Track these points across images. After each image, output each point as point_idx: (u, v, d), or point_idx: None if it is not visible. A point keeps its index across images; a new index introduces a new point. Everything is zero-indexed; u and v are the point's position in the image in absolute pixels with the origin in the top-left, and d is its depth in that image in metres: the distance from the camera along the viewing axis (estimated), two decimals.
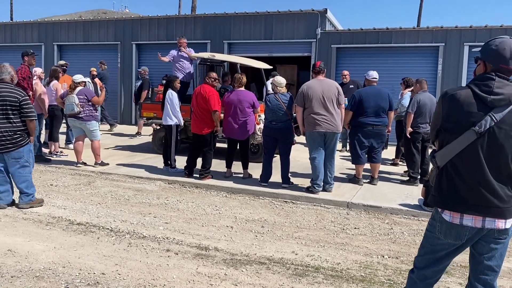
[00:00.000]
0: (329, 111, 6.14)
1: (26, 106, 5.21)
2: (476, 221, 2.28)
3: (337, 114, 6.21)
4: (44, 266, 3.77)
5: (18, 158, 5.28)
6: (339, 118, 6.24)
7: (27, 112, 5.22)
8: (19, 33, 16.56)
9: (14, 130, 5.20)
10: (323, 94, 6.13)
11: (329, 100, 6.14)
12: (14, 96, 5.14)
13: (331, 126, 6.16)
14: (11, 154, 5.24)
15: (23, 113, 5.20)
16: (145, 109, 9.43)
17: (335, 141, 6.35)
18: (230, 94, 7.05)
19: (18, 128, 5.22)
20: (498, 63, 2.26)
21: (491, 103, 2.22)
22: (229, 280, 3.64)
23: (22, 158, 5.30)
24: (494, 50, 2.27)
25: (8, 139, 5.19)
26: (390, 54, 12.09)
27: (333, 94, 6.17)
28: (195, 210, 5.63)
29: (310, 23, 12.69)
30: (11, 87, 5.22)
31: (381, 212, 5.76)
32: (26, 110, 5.21)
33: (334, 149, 6.40)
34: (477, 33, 11.20)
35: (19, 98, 5.16)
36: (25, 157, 5.33)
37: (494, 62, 2.27)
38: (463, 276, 3.86)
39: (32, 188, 5.48)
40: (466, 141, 2.25)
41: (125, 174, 7.33)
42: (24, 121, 5.25)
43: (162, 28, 14.47)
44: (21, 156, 5.29)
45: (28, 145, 5.37)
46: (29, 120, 5.25)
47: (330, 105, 6.15)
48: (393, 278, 3.78)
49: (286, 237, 4.74)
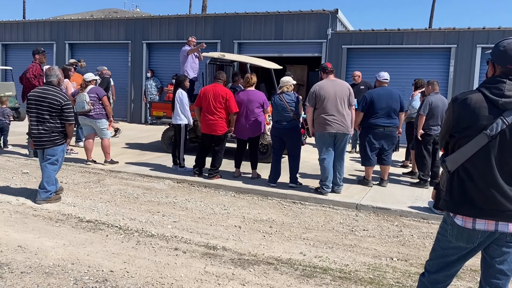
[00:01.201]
0: (340, 112, 6.11)
1: (67, 110, 5.51)
2: (489, 225, 2.25)
3: (348, 115, 6.18)
4: (54, 262, 3.80)
5: (52, 156, 5.57)
6: (349, 119, 6.20)
7: (67, 116, 5.52)
8: (32, 31, 16.74)
9: (53, 129, 5.50)
10: (336, 95, 6.09)
11: (341, 101, 6.11)
12: (57, 100, 5.44)
13: (341, 127, 6.12)
14: (47, 151, 5.55)
15: (63, 116, 5.51)
16: (155, 108, 9.47)
17: (345, 142, 6.31)
18: (240, 94, 7.04)
19: (56, 128, 5.52)
20: (506, 64, 2.24)
21: (503, 106, 2.20)
22: (236, 279, 3.63)
23: (55, 156, 5.59)
24: (502, 51, 2.26)
25: (47, 136, 5.50)
26: (402, 55, 12.00)
27: (345, 95, 6.14)
28: (203, 209, 5.64)
29: (321, 24, 12.65)
30: (56, 90, 5.54)
31: (390, 214, 5.71)
32: (67, 114, 5.51)
33: (343, 150, 6.36)
34: (490, 35, 11.07)
35: (62, 102, 5.45)
36: (57, 156, 5.61)
37: (502, 63, 2.25)
38: (473, 280, 3.82)
39: (53, 186, 5.66)
40: (478, 145, 2.22)
41: (134, 173, 7.36)
42: (63, 123, 5.54)
43: (173, 28, 14.53)
44: (55, 154, 5.58)
45: (63, 145, 5.66)
46: (68, 124, 5.56)
47: (342, 106, 6.11)
48: (402, 281, 3.75)
49: (294, 238, 4.72)
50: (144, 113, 14.87)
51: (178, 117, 7.48)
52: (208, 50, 11.30)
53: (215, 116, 6.86)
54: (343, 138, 6.24)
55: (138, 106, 15.07)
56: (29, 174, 7.14)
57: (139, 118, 15.06)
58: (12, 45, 17.21)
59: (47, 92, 5.48)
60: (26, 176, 6.98)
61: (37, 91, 5.57)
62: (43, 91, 5.52)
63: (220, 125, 6.89)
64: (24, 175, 7.03)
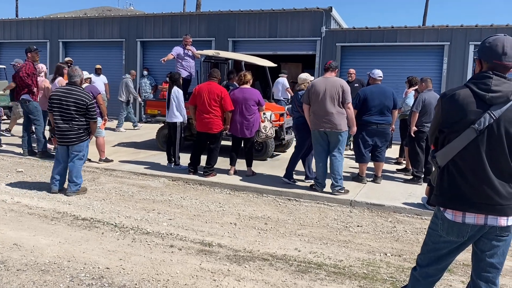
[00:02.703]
0: (329, 110, 6.00)
1: (92, 109, 5.84)
2: (478, 219, 2.30)
3: (339, 113, 6.04)
4: (49, 260, 3.81)
5: (79, 151, 5.91)
6: (341, 116, 6.06)
7: (92, 115, 5.87)
8: (25, 30, 16.64)
9: (79, 126, 5.83)
10: (324, 92, 6.04)
11: (331, 99, 6.02)
12: (82, 99, 5.76)
13: (329, 125, 6.03)
14: (74, 147, 5.88)
15: (88, 115, 5.84)
16: (150, 106, 9.46)
17: (338, 141, 6.14)
18: (235, 92, 7.06)
19: (82, 126, 5.85)
20: (491, 59, 2.29)
21: (490, 100, 2.24)
22: (232, 276, 3.66)
23: (82, 151, 5.95)
24: (488, 47, 2.31)
25: (74, 134, 5.82)
26: (395, 53, 12.06)
27: (335, 93, 6.02)
28: (198, 207, 5.66)
29: (315, 21, 12.68)
30: (81, 90, 5.86)
31: (384, 211, 5.77)
32: (92, 113, 5.86)
33: (337, 148, 6.19)
34: (483, 32, 11.15)
35: (87, 102, 5.77)
36: (83, 151, 5.99)
37: (488, 59, 2.30)
38: (465, 274, 3.87)
39: (81, 179, 6.01)
40: (467, 139, 2.26)
41: (129, 171, 7.37)
42: (87, 120, 5.88)
43: (167, 26, 14.50)
44: (81, 150, 5.94)
45: (87, 141, 6.03)
46: (93, 121, 5.94)
47: (331, 103, 6.01)
48: (395, 276, 3.79)
49: (289, 234, 4.76)
50: (138, 112, 14.84)
51: (174, 115, 7.48)
52: (202, 48, 11.30)
53: (210, 114, 6.86)
54: (335, 136, 6.11)
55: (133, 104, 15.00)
56: (24, 172, 7.12)
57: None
58: (5, 44, 17.10)
59: (73, 92, 5.77)
60: (20, 175, 6.96)
61: (61, 90, 5.86)
62: (67, 91, 5.80)
63: (215, 123, 6.90)
64: (18, 174, 7.02)
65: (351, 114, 6.16)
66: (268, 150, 8.48)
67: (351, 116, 6.18)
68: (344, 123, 6.12)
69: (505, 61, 2.26)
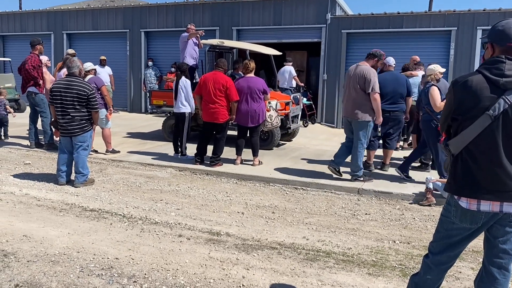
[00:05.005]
0: (349, 97, 6.07)
1: (93, 99, 5.84)
2: (493, 206, 2.27)
3: (357, 102, 5.97)
4: (59, 251, 3.83)
5: (83, 142, 5.93)
6: (362, 105, 5.95)
7: (93, 105, 5.86)
8: (28, 22, 16.62)
9: (81, 117, 5.84)
10: (350, 81, 6.08)
11: (354, 87, 6.00)
12: (83, 90, 5.76)
13: (347, 112, 6.15)
14: (78, 138, 5.89)
15: (90, 105, 5.84)
16: (155, 97, 9.44)
17: (359, 129, 6.03)
18: (240, 81, 7.02)
19: (85, 116, 5.86)
20: (505, 42, 2.24)
21: (504, 85, 2.19)
22: (241, 264, 3.67)
23: (85, 142, 5.97)
24: (501, 30, 2.26)
25: (77, 124, 5.83)
26: (402, 39, 11.91)
27: (356, 82, 5.97)
28: (206, 196, 5.67)
29: (320, 8, 12.54)
30: (81, 81, 5.87)
31: (392, 198, 5.74)
32: (93, 103, 5.85)
33: (359, 137, 6.07)
34: (491, 17, 10.97)
35: (88, 92, 5.77)
36: (87, 142, 6.01)
37: (501, 42, 2.26)
38: (475, 261, 3.85)
39: (87, 169, 6.03)
40: (481, 126, 2.22)
41: (136, 162, 7.38)
42: (89, 111, 5.87)
43: (171, 15, 14.41)
44: (85, 140, 5.96)
45: (90, 131, 6.04)
46: (94, 111, 5.92)
47: (352, 91, 6.02)
48: (404, 263, 3.78)
49: (297, 223, 4.75)
50: (144, 102, 14.84)
51: (183, 106, 7.46)
52: (206, 37, 11.21)
53: (216, 104, 6.83)
54: (355, 125, 6.07)
55: (137, 95, 15.03)
56: (31, 165, 7.16)
57: (139, 107, 15.04)
58: (10, 36, 17.10)
59: (73, 83, 5.78)
60: (28, 167, 7.00)
61: (62, 82, 5.85)
62: (68, 82, 5.79)
63: (221, 113, 6.87)
64: (26, 166, 7.05)
65: (374, 102, 5.98)
66: (274, 139, 8.45)
67: (375, 105, 6.01)
68: (364, 112, 6.03)
69: None
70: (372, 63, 6.13)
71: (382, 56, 6.20)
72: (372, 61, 6.14)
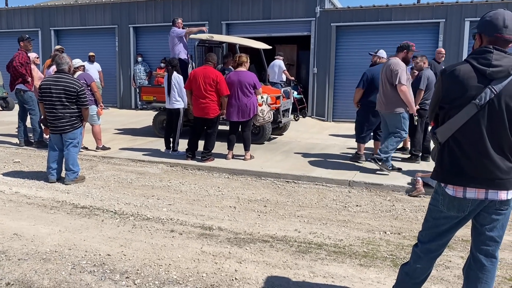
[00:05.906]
0: (381, 91, 6.19)
1: (83, 96, 5.82)
2: (479, 193, 2.31)
3: (387, 95, 6.09)
4: (50, 248, 3.82)
5: (73, 139, 5.92)
6: (391, 98, 6.06)
7: (83, 101, 5.84)
8: (15, 19, 16.39)
9: (71, 114, 5.81)
10: (381, 75, 6.20)
11: (384, 81, 6.13)
12: (72, 86, 5.72)
13: (378, 105, 6.30)
14: (68, 135, 5.87)
15: (79, 101, 5.81)
16: (145, 92, 9.39)
17: (392, 122, 6.18)
18: (231, 75, 7.00)
19: (74, 113, 5.84)
20: (493, 33, 2.28)
21: (490, 75, 2.23)
22: (233, 258, 3.68)
23: (76, 139, 5.95)
24: (488, 21, 2.30)
25: (66, 121, 5.80)
26: (391, 31, 11.94)
27: (386, 75, 6.09)
28: (198, 191, 5.67)
29: (309, 2, 12.52)
30: (70, 77, 5.84)
31: (383, 190, 5.79)
32: (83, 99, 5.83)
33: (394, 130, 6.19)
34: (478, 8, 11.05)
35: (77, 89, 5.74)
36: (77, 139, 5.99)
37: (489, 33, 2.29)
38: (464, 250, 3.90)
39: (78, 167, 6.01)
40: (467, 114, 2.26)
41: (127, 158, 7.35)
42: (79, 107, 5.85)
43: (159, 10, 14.30)
44: (75, 137, 5.94)
45: (80, 128, 6.04)
46: (84, 108, 5.91)
47: (383, 85, 6.14)
48: (395, 253, 3.82)
49: (288, 216, 4.78)
50: (134, 98, 14.75)
51: (177, 101, 7.43)
52: None
53: (206, 99, 6.82)
54: (387, 117, 6.23)
55: (127, 91, 14.93)
56: (21, 163, 7.10)
57: (129, 103, 14.94)
58: None
59: (62, 79, 5.74)
60: (18, 165, 6.94)
61: (50, 79, 5.83)
62: (56, 79, 5.77)
63: (212, 108, 6.86)
64: (15, 164, 6.99)
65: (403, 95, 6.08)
66: (265, 133, 8.47)
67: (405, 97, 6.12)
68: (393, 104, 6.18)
69: (506, 34, 2.25)
70: (402, 55, 6.18)
71: (411, 47, 6.23)
72: (401, 53, 6.19)
